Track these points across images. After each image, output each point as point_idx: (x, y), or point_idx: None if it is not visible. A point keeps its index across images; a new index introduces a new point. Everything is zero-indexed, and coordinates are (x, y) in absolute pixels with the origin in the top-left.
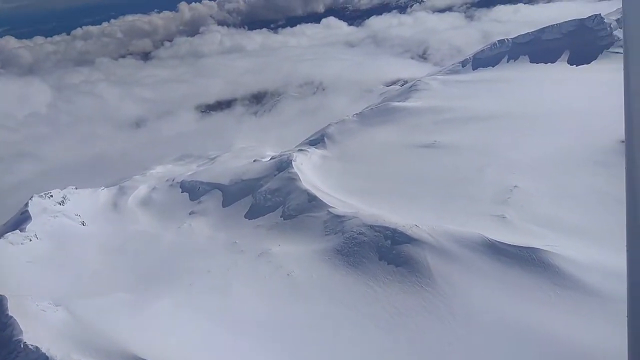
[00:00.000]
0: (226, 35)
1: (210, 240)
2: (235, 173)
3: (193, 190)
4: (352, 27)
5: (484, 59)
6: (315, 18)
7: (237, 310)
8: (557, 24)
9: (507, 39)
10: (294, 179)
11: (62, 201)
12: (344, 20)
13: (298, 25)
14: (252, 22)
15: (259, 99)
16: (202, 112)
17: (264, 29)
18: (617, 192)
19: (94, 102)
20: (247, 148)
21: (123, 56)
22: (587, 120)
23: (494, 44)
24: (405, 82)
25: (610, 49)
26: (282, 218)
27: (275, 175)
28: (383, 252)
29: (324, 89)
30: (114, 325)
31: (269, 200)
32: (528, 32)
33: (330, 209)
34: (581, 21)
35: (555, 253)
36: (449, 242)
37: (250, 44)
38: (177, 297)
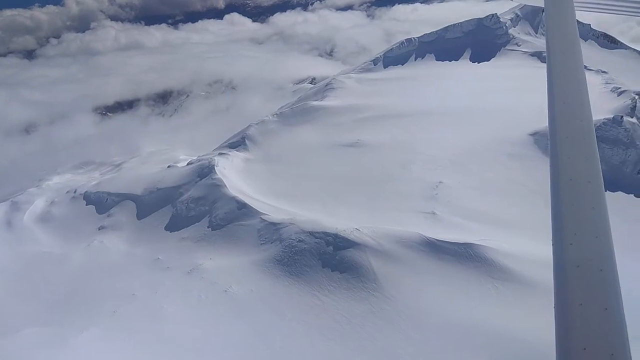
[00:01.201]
0: (121, 31)
1: (129, 257)
2: (149, 181)
3: (100, 202)
4: (256, 24)
5: (394, 57)
6: (215, 13)
7: (171, 336)
8: (458, 24)
9: (413, 38)
10: (218, 185)
11: None
12: (247, 17)
13: (200, 21)
14: (147, 17)
15: (164, 99)
16: (101, 114)
17: (163, 25)
18: (532, 183)
19: None
20: (157, 152)
21: (3, 55)
22: (496, 115)
23: (402, 42)
24: (314, 79)
25: (507, 47)
26: (209, 229)
27: (196, 182)
28: (326, 258)
29: (233, 88)
30: None
31: (192, 209)
32: (432, 32)
33: (262, 216)
34: (479, 20)
35: (489, 247)
36: (390, 244)
37: (149, 40)
38: (100, 327)
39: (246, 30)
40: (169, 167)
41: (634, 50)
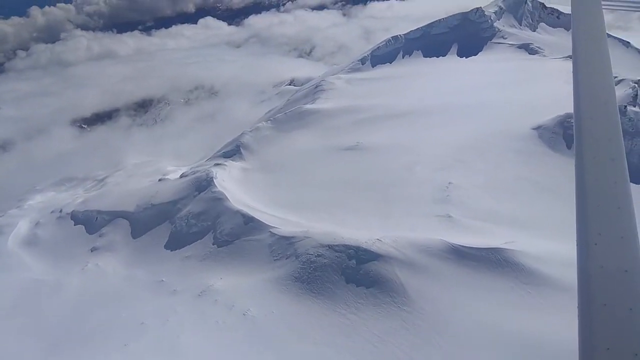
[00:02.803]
0: (93, 40)
1: (129, 281)
2: (141, 196)
3: (90, 222)
4: (232, 27)
5: (381, 56)
6: (187, 18)
7: None
8: (443, 19)
9: (399, 35)
10: (220, 198)
11: None
12: (222, 20)
13: (174, 26)
14: (117, 24)
15: (144, 108)
16: (80, 127)
17: (135, 32)
18: (542, 180)
19: None
20: (142, 164)
21: None
22: (494, 110)
23: (389, 40)
24: (292, 80)
25: (493, 40)
26: (215, 246)
27: (195, 196)
28: (349, 273)
29: (215, 93)
30: None
31: (193, 226)
32: (418, 28)
33: (272, 230)
34: (464, 15)
35: (516, 250)
36: (415, 253)
37: (122, 49)
38: None
39: (222, 34)
40: (160, 180)
41: (615, 38)
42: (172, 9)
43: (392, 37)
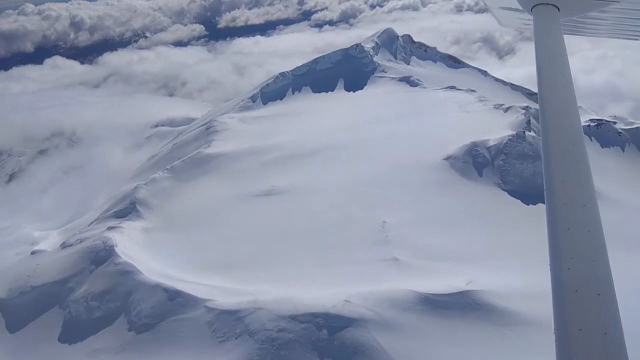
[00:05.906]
0: None
1: None
2: (13, 277)
3: None
4: (85, 66)
5: (271, 93)
6: (27, 58)
7: None
8: (326, 55)
9: (287, 72)
10: (129, 271)
11: None
12: (72, 59)
13: (14, 68)
14: None
15: None
16: None
17: None
18: (465, 209)
19: None
20: None
21: None
22: (399, 142)
23: (277, 77)
24: (165, 121)
25: (375, 74)
26: (132, 332)
27: (92, 272)
28: (322, 347)
29: (78, 140)
30: None
31: (95, 309)
32: (303, 64)
33: (208, 304)
34: (345, 51)
35: (480, 290)
36: (388, 311)
37: None
38: None
39: (75, 74)
40: (33, 253)
41: (474, 68)
42: (6, 49)
43: (279, 74)
